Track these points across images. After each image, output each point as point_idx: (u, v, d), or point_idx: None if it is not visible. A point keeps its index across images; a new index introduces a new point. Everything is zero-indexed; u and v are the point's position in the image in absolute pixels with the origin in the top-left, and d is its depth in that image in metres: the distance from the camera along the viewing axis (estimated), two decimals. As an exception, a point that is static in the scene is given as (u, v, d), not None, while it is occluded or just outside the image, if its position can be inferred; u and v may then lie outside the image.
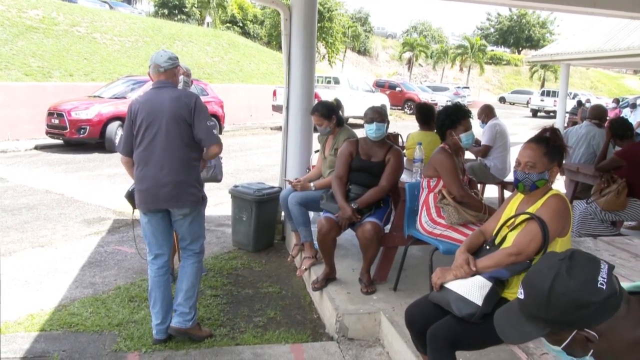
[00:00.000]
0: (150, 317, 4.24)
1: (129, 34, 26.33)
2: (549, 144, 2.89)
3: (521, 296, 1.59)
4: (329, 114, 5.44)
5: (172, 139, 3.92)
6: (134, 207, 4.24)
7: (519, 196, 3.05)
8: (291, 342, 4.27)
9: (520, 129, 25.20)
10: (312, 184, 5.41)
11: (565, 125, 20.29)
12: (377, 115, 4.76)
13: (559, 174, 3.01)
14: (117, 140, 13.56)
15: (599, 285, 1.47)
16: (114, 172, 10.77)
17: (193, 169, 4.05)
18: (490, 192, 8.29)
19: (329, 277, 4.89)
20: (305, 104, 6.36)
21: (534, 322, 1.56)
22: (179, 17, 43.09)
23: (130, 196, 4.40)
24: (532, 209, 2.88)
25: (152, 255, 4.16)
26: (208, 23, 42.37)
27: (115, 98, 14.37)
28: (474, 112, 6.06)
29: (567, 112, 22.12)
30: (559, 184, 7.49)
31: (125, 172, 4.25)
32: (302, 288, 5.38)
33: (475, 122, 4.91)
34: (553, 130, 2.95)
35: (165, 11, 43.54)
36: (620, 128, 5.97)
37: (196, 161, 4.07)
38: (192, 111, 3.93)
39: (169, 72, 4.06)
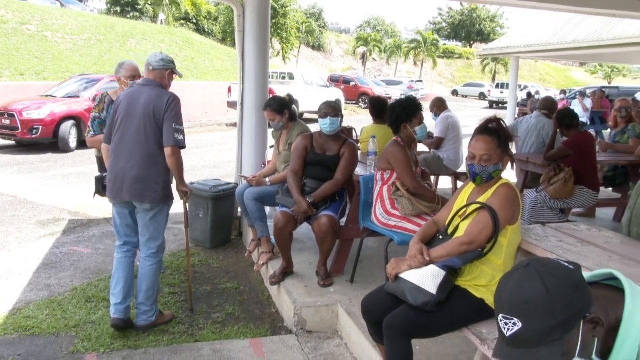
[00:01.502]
0: (109, 317, 4.27)
1: (81, 32, 25.84)
2: (500, 136, 2.97)
3: (518, 327, 1.49)
4: (281, 109, 5.46)
5: (143, 135, 4.04)
6: (97, 192, 4.45)
7: (471, 186, 3.13)
8: (250, 336, 4.29)
9: (472, 121, 25.55)
10: (267, 180, 5.43)
11: (516, 116, 20.73)
12: (331, 110, 4.81)
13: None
14: (70, 140, 13.43)
15: (571, 267, 1.54)
16: (68, 172, 10.56)
17: (160, 167, 4.10)
18: (444, 183, 8.44)
19: (287, 271, 4.93)
20: (259, 100, 6.36)
21: (546, 339, 1.48)
22: (132, 14, 42.34)
23: (98, 180, 4.70)
24: (482, 199, 2.95)
25: (120, 242, 4.36)
26: (162, 20, 41.76)
27: (68, 97, 14.08)
28: (426, 105, 6.17)
29: (517, 104, 22.59)
30: (511, 174, 7.66)
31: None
32: (260, 283, 5.40)
33: (427, 115, 5.00)
34: (497, 121, 3.03)
35: (118, 9, 42.75)
36: (566, 118, 6.14)
37: (164, 159, 4.10)
38: (164, 110, 4.02)
39: (158, 72, 4.20)
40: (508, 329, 1.49)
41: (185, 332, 4.33)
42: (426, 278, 2.81)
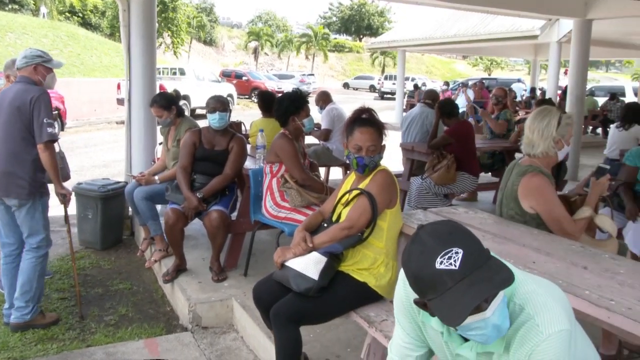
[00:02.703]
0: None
1: (-49, 24, 24.16)
2: (377, 125, 3.10)
3: (461, 253, 1.51)
4: (168, 104, 5.40)
5: (9, 131, 3.97)
6: None
7: (353, 175, 3.25)
8: (145, 337, 4.23)
9: (364, 113, 26.08)
10: (156, 177, 5.36)
11: (404, 107, 21.44)
12: (219, 104, 4.81)
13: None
14: None
15: None
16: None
17: (27, 163, 4.01)
18: (335, 174, 8.62)
19: (180, 268, 4.89)
20: (147, 96, 6.23)
21: (484, 255, 1.55)
22: (10, 6, 39.90)
23: None
24: (362, 185, 3.07)
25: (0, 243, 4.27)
26: (44, 14, 39.66)
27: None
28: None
29: (405, 95, 23.36)
30: (394, 162, 7.94)
31: None
32: (153, 282, 5.33)
33: (313, 108, 5.12)
34: (369, 111, 3.16)
35: (-7, 0, 40.27)
36: (447, 107, 6.46)
37: (29, 155, 4.00)
38: (31, 106, 3.94)
39: (24, 70, 4.12)
40: (455, 261, 1.49)
41: (76, 338, 4.19)
42: (308, 265, 2.90)
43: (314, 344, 3.69)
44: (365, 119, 3.12)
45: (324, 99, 7.77)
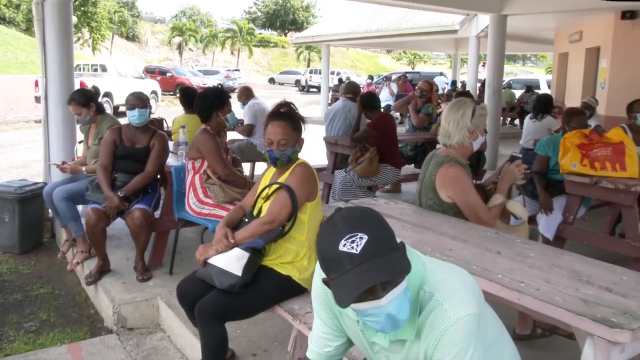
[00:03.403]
0: None
1: None
2: (292, 119, 3.12)
3: (365, 239, 1.53)
4: (86, 101, 5.27)
5: None
6: None
7: (272, 169, 3.26)
8: (68, 342, 4.12)
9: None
10: (83, 168, 5.24)
11: (330, 101, 21.60)
12: (139, 101, 4.73)
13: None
14: None
15: None
16: None
17: None
18: (260, 169, 8.60)
19: (103, 270, 4.79)
20: (64, 93, 6.03)
21: (390, 245, 1.58)
22: None
23: None
24: (282, 179, 3.09)
25: None
26: (-50, 7, 37.69)
27: None
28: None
29: (330, 89, 23.51)
30: (319, 156, 7.99)
31: None
32: (76, 285, 5.19)
33: (236, 104, 5.11)
34: (288, 105, 3.19)
35: None
36: (368, 101, 6.56)
37: None
38: None
39: None
40: (357, 245, 1.51)
41: (-8, 347, 4.05)
42: (231, 261, 2.90)
43: (241, 340, 3.70)
44: (279, 113, 3.14)
45: (246, 94, 7.79)
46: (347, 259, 1.52)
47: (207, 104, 4.48)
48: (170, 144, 5.34)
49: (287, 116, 3.12)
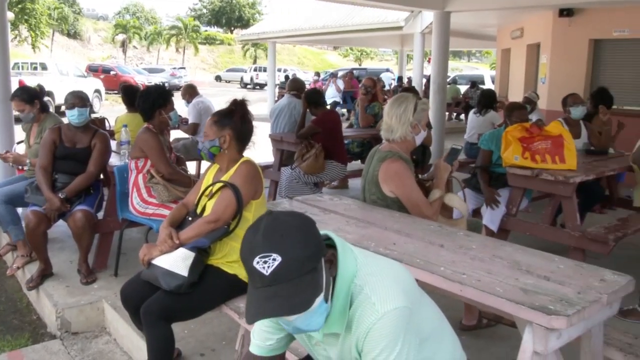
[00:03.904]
0: None
1: None
2: (218, 114, 3.15)
3: (278, 261, 1.52)
4: (30, 98, 5.13)
5: None
6: None
7: (216, 166, 3.25)
8: (8, 349, 4.00)
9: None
10: (28, 160, 5.12)
11: (276, 98, 21.57)
12: (78, 100, 4.63)
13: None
14: None
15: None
16: None
17: None
18: (206, 167, 8.52)
19: (45, 274, 4.66)
20: (1, 92, 5.88)
21: (305, 267, 1.55)
22: None
23: None
24: (226, 177, 3.08)
25: None
26: None
27: None
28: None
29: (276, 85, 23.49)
30: (265, 153, 7.97)
31: None
32: (17, 290, 5.03)
33: (180, 102, 5.05)
34: (239, 103, 3.18)
35: None
36: (313, 97, 6.57)
37: None
38: None
39: None
40: (268, 267, 1.51)
41: None
42: (176, 261, 2.86)
43: (188, 340, 3.67)
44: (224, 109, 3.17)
45: (190, 92, 7.71)
46: (257, 276, 1.53)
47: (150, 102, 4.41)
48: (113, 144, 5.24)
49: (216, 112, 3.18)
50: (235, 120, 3.12)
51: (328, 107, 8.83)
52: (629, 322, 4.11)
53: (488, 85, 23.05)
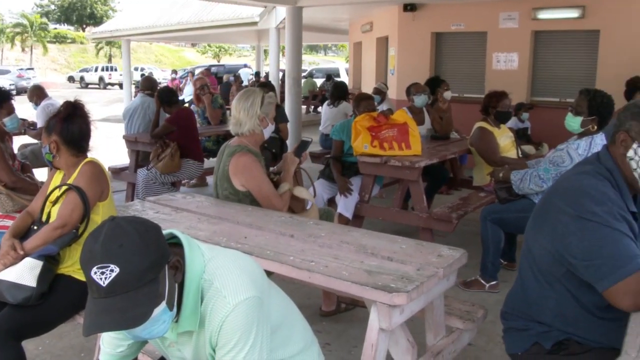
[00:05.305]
0: None
1: None
2: (49, 119, 3.02)
3: (115, 272, 1.50)
4: None
5: None
6: None
7: (61, 171, 3.11)
8: None
9: (92, 106, 24.94)
10: None
11: (133, 97, 20.93)
12: None
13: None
14: None
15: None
16: None
17: None
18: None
19: None
20: None
21: (144, 279, 1.53)
22: None
23: None
24: (70, 180, 2.94)
25: None
26: None
27: None
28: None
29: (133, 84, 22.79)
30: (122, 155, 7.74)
31: None
32: None
33: (28, 105, 4.79)
34: (72, 105, 3.06)
35: None
36: (166, 95, 6.47)
37: None
38: None
39: None
40: (105, 278, 1.49)
41: None
42: (23, 272, 2.69)
43: (44, 357, 3.54)
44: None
45: (38, 94, 7.25)
46: (95, 287, 1.52)
47: None
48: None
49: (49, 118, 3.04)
50: (60, 125, 2.96)
51: (186, 105, 8.76)
52: (471, 292, 4.45)
53: (343, 77, 23.72)
